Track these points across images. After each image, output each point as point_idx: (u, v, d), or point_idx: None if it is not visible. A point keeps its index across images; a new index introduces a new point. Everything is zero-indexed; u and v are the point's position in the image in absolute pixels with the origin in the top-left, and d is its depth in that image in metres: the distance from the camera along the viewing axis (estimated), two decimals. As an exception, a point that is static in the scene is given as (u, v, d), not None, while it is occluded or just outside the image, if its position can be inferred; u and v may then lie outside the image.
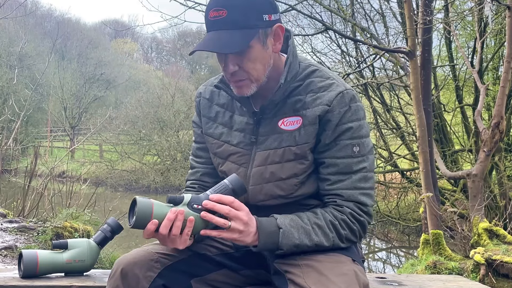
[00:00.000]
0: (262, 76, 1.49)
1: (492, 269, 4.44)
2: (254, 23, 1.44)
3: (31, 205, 6.27)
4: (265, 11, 1.46)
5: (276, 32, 1.49)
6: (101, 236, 1.84)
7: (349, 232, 1.48)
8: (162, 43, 56.25)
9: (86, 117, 27.99)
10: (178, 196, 1.40)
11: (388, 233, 11.23)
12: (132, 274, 1.45)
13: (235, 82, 1.49)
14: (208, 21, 1.46)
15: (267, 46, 1.48)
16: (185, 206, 1.38)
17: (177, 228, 1.37)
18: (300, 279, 1.38)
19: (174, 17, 7.48)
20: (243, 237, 1.39)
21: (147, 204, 1.37)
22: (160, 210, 1.37)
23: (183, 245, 1.42)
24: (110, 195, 14.15)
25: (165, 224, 1.36)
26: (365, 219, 1.50)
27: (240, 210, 1.39)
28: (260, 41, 1.46)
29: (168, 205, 1.39)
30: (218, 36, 1.43)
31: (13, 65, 21.92)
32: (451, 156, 10.58)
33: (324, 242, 1.45)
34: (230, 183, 1.41)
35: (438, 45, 10.89)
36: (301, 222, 1.45)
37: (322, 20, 9.42)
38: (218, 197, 1.38)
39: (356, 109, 1.50)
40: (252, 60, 1.46)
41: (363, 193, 1.49)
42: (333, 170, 1.49)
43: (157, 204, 1.38)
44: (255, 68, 1.47)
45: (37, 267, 1.77)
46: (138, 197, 1.38)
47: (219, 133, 1.62)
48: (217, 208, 1.36)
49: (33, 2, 36.47)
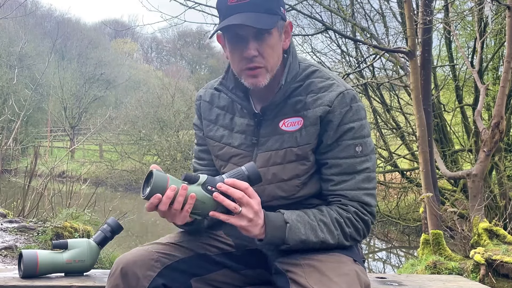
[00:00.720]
0: (275, 67, 1.49)
1: (492, 269, 4.44)
2: (275, 10, 1.45)
3: (31, 205, 6.27)
4: (282, 3, 1.48)
5: (287, 28, 1.51)
6: (101, 236, 1.84)
7: (353, 230, 1.48)
8: (162, 43, 56.25)
9: (86, 117, 27.99)
10: (194, 175, 1.40)
11: (388, 233, 11.23)
12: (132, 273, 1.45)
13: (251, 70, 1.47)
14: (227, 7, 1.43)
15: (281, 38, 1.49)
16: (199, 186, 1.37)
17: (178, 204, 1.35)
18: (302, 279, 1.37)
19: (174, 17, 7.46)
20: (251, 226, 1.38)
21: (162, 178, 1.36)
22: (175, 185, 1.36)
23: (181, 221, 1.40)
24: (110, 195, 14.16)
25: (164, 202, 1.35)
26: (369, 218, 1.50)
27: (252, 197, 1.37)
28: (278, 30, 1.47)
29: (183, 182, 1.38)
30: (244, 16, 1.41)
31: (13, 65, 21.91)
32: (451, 156, 10.58)
33: (330, 239, 1.45)
34: (247, 169, 1.40)
35: (438, 45, 10.90)
36: (307, 218, 1.45)
37: (322, 20, 9.42)
38: (232, 181, 1.36)
39: (357, 109, 1.50)
40: (271, 47, 1.46)
41: (367, 193, 1.49)
42: (337, 171, 1.49)
43: (172, 180, 1.37)
44: (272, 56, 1.47)
45: (37, 267, 1.77)
46: (155, 170, 1.37)
47: (220, 136, 1.62)
48: (230, 191, 1.35)
49: (33, 2, 36.45)
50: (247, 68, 1.47)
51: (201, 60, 50.67)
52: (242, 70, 1.49)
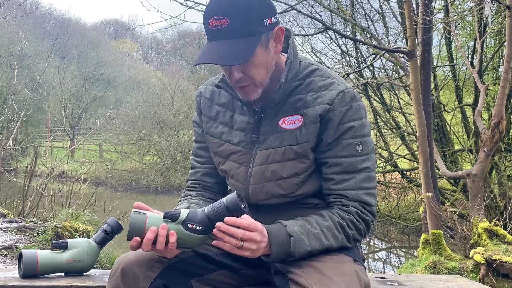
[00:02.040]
0: (265, 79, 1.49)
1: (492, 269, 4.44)
2: (256, 30, 1.43)
3: (31, 205, 6.27)
4: (265, 15, 1.44)
5: (277, 34, 1.48)
6: (101, 236, 1.83)
7: (356, 232, 1.49)
8: (162, 43, 56.24)
9: (86, 117, 28.00)
10: (174, 211, 1.39)
11: (388, 233, 11.23)
12: (133, 273, 1.45)
13: (240, 88, 1.49)
14: (209, 29, 1.43)
15: (269, 49, 1.47)
16: (180, 225, 1.37)
17: (160, 244, 1.36)
18: (301, 279, 1.37)
19: (174, 17, 7.45)
20: (255, 253, 1.38)
21: (140, 220, 1.37)
22: (154, 226, 1.37)
23: (170, 255, 1.41)
24: (110, 195, 14.14)
25: (146, 243, 1.36)
26: (370, 218, 1.50)
27: (254, 231, 1.36)
28: (263, 46, 1.45)
29: (164, 220, 1.38)
30: (222, 47, 1.41)
31: (13, 65, 21.89)
32: (451, 156, 10.58)
33: (334, 244, 1.46)
34: (227, 201, 1.36)
35: (438, 45, 10.90)
36: (310, 227, 1.44)
37: (322, 20, 9.42)
38: (233, 220, 1.34)
39: (357, 108, 1.50)
40: (255, 66, 1.45)
41: (367, 193, 1.49)
42: (337, 170, 1.49)
43: (152, 219, 1.38)
44: (258, 73, 1.47)
45: (37, 267, 1.76)
46: (133, 211, 1.38)
47: (219, 133, 1.62)
48: (230, 231, 1.34)
49: (33, 2, 36.51)
50: (236, 86, 1.49)
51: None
52: (234, 86, 1.51)
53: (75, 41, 36.78)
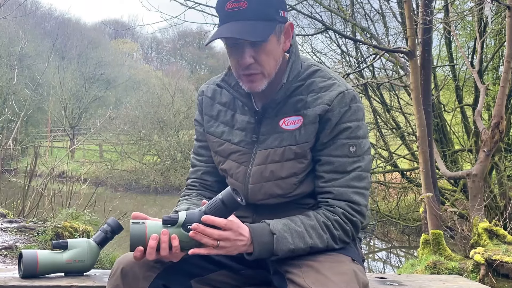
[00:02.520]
0: (273, 71, 1.50)
1: (492, 269, 4.44)
2: (273, 16, 1.45)
3: (31, 205, 6.27)
4: (281, 6, 1.47)
5: (287, 29, 1.50)
6: (101, 236, 1.84)
7: (342, 232, 1.48)
8: (162, 43, 56.24)
9: (86, 117, 27.99)
10: (173, 216, 1.39)
11: (388, 233, 11.23)
12: (133, 273, 1.45)
13: (248, 76, 1.49)
14: (225, 12, 1.44)
15: (280, 42, 1.49)
16: (180, 228, 1.38)
17: (164, 250, 1.36)
18: (299, 279, 1.38)
19: (174, 17, 7.45)
20: (233, 250, 1.39)
21: (139, 229, 1.37)
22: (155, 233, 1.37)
23: (176, 259, 1.41)
24: (110, 195, 14.15)
25: (149, 252, 1.36)
26: (357, 219, 1.50)
27: (229, 230, 1.37)
28: (276, 35, 1.47)
29: (163, 226, 1.38)
30: (240, 25, 1.42)
31: (13, 65, 21.88)
32: (451, 156, 10.57)
33: (319, 244, 1.45)
34: (222, 196, 1.37)
35: (438, 45, 10.89)
36: (294, 225, 1.44)
37: (322, 20, 9.42)
38: (212, 220, 1.35)
39: (356, 109, 1.50)
40: (267, 54, 1.46)
41: (356, 191, 1.49)
42: (328, 168, 1.50)
43: (151, 226, 1.38)
44: (269, 62, 1.47)
45: (37, 267, 1.76)
46: (132, 222, 1.38)
47: (220, 132, 1.62)
48: (206, 232, 1.35)
49: (33, 2, 36.50)
50: (244, 74, 1.49)
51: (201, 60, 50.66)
52: (239, 74, 1.50)
53: (75, 41, 36.77)
